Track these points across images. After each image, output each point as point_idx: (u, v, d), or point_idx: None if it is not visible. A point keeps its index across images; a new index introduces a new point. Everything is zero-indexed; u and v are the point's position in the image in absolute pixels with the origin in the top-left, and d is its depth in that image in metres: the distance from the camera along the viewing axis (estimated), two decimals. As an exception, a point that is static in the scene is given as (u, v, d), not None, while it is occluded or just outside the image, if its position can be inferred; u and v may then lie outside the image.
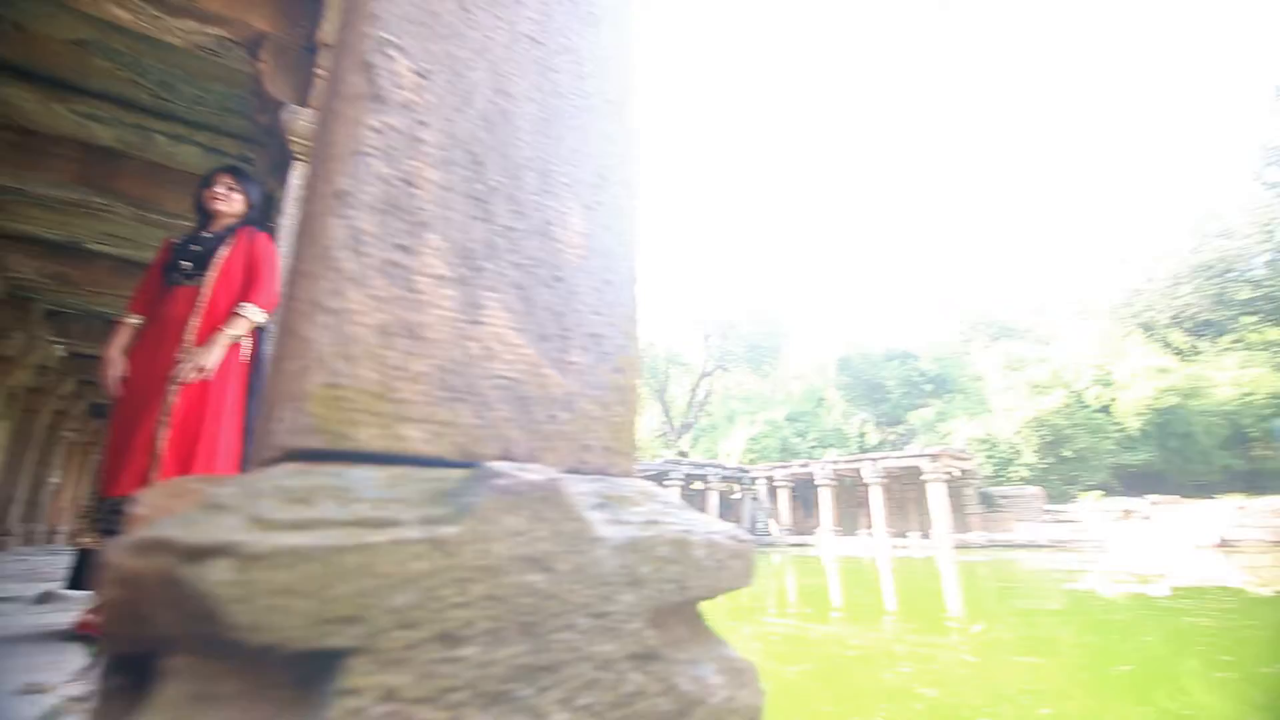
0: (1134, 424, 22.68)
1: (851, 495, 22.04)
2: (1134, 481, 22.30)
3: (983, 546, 17.47)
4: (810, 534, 21.20)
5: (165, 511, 0.53)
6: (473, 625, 0.44)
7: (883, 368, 31.23)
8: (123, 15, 2.68)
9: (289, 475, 0.46)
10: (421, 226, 0.59)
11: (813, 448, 27.74)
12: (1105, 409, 23.31)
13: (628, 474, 0.68)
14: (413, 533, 0.44)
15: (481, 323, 0.61)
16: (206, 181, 2.33)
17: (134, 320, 2.19)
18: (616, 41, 0.84)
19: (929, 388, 30.28)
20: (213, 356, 2.07)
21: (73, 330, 7.75)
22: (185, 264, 2.22)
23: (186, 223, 4.52)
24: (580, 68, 0.79)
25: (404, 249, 0.57)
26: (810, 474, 21.83)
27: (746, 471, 24.29)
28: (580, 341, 0.68)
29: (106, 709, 0.43)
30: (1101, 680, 3.72)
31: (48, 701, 1.17)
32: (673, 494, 0.68)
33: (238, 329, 2.16)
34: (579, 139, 0.75)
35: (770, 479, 23.42)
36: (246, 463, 2.17)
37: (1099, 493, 19.71)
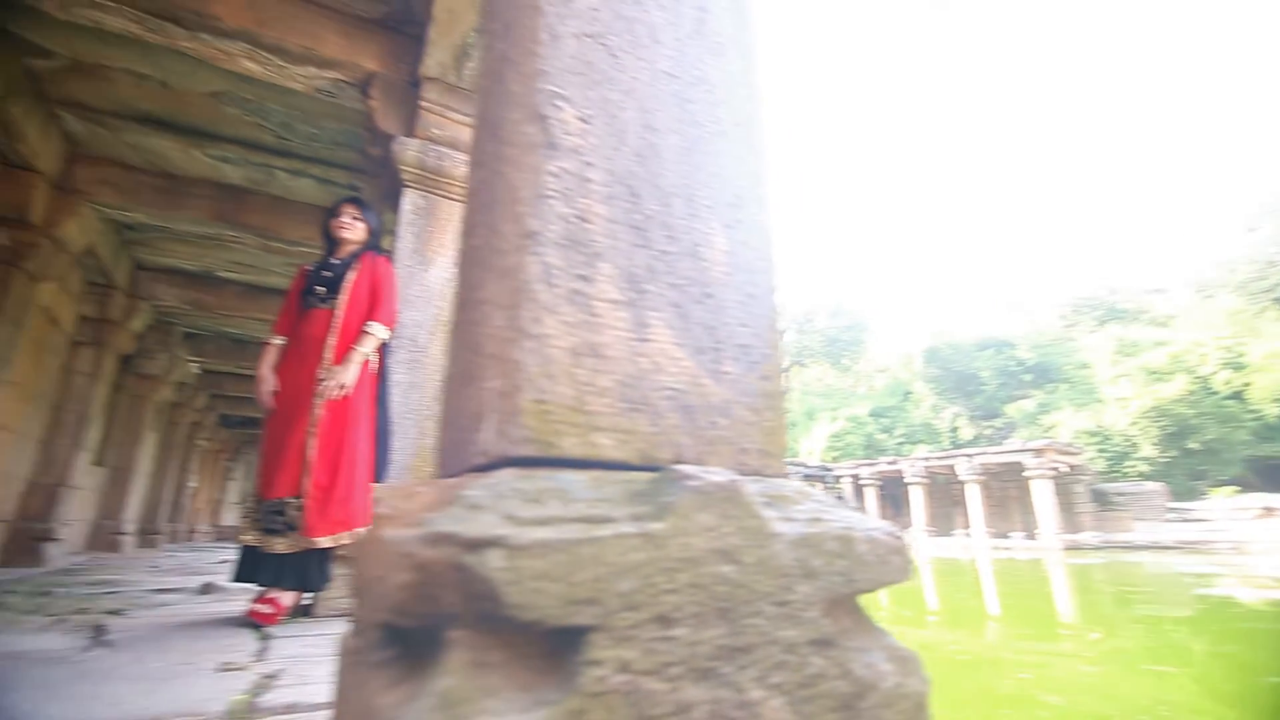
0: (1273, 411, 20.29)
1: (945, 494, 20.98)
2: (1274, 476, 19.95)
3: (1097, 548, 16.17)
4: (900, 534, 20.33)
5: (402, 511, 0.63)
6: (681, 609, 0.50)
7: (975, 358, 29.52)
8: (253, 67, 3.00)
9: (516, 480, 0.54)
10: (596, 257, 0.66)
11: (900, 444, 26.62)
12: (1237, 395, 20.99)
13: (780, 475, 0.73)
14: (628, 528, 0.50)
15: (649, 340, 0.67)
16: (333, 212, 2.57)
17: (279, 341, 2.45)
18: (742, 67, 0.89)
19: (1028, 378, 28.35)
20: (350, 373, 2.29)
21: (206, 350, 8.63)
22: (320, 289, 2.46)
23: (304, 249, 4.96)
24: (712, 95, 0.84)
25: (584, 278, 0.65)
26: (899, 471, 20.97)
27: (830, 470, 23.64)
28: (731, 353, 0.73)
29: (380, 672, 0.52)
30: (1247, 693, 3.40)
31: (246, 677, 1.35)
32: (824, 494, 0.72)
33: (368, 346, 2.37)
34: (716, 163, 0.81)
35: (856, 477, 22.68)
36: (382, 465, 2.38)
37: (1232, 488, 17.77)
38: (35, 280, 4.20)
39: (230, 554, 8.15)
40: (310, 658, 1.55)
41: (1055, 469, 17.61)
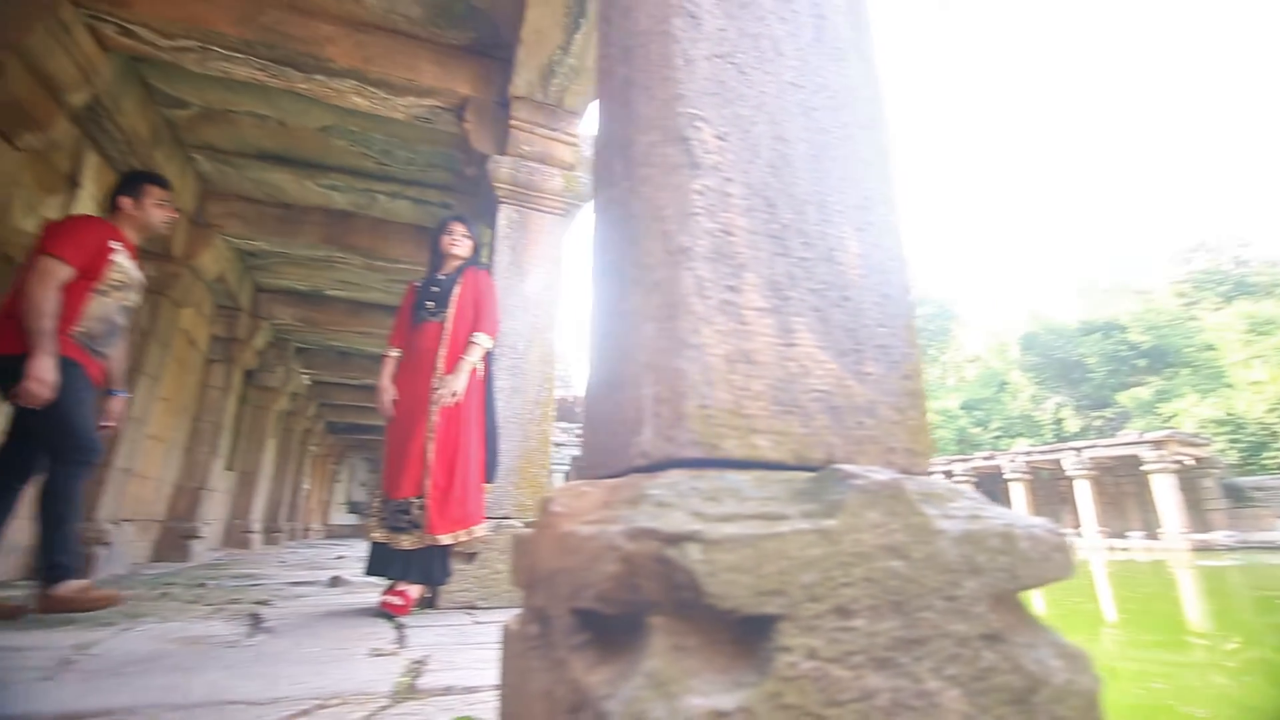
0: None
1: (1050, 490, 19.58)
2: None
3: (1231, 548, 14.59)
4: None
5: (575, 508, 0.69)
6: (858, 602, 0.53)
7: (1079, 343, 27.34)
8: (360, 102, 3.25)
9: (690, 480, 0.58)
10: (741, 268, 0.70)
11: (996, 438, 25.08)
12: (1405, 375, 18.37)
13: (927, 473, 0.73)
14: (804, 524, 0.54)
15: (795, 344, 0.70)
16: (443, 230, 2.74)
17: (395, 353, 2.65)
18: (862, 71, 0.90)
19: (1142, 363, 25.96)
20: (461, 381, 2.44)
21: (315, 362, 9.35)
22: (429, 304, 2.63)
23: (402, 266, 5.30)
24: (835, 101, 0.86)
25: (732, 289, 0.69)
26: (996, 467, 19.76)
27: (919, 466, 22.57)
28: (872, 354, 0.75)
29: (579, 655, 0.58)
30: None
31: (397, 662, 1.48)
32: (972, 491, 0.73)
33: (475, 356, 2.52)
34: (844, 168, 0.83)
35: (948, 474, 21.55)
36: (492, 466, 2.52)
37: (1404, 482, 15.57)
38: (178, 306, 4.72)
39: (342, 550, 8.80)
40: (446, 645, 1.67)
41: (1179, 462, 16.04)
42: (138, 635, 1.90)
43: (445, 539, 2.32)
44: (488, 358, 2.63)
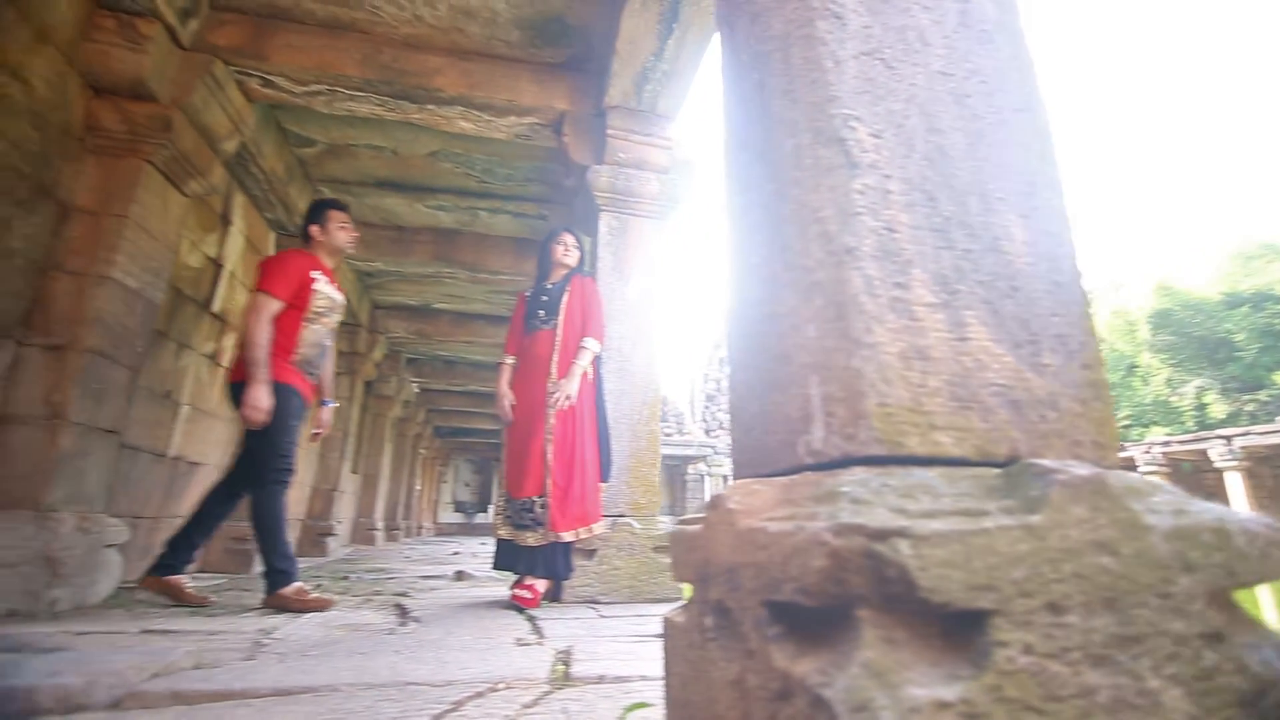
0: None
1: (1195, 484, 17.53)
2: None
3: None
4: None
5: (751, 506, 0.72)
6: (1070, 598, 0.52)
7: (1224, 318, 24.29)
8: (467, 125, 3.45)
9: (878, 477, 0.60)
10: (907, 264, 0.70)
11: (1126, 427, 22.78)
12: None
13: (1115, 467, 0.70)
14: (1007, 520, 0.53)
15: (968, 339, 0.69)
16: (552, 239, 2.87)
17: (510, 361, 2.80)
18: (1012, 52, 0.87)
19: (1304, 338, 22.68)
20: (574, 385, 2.55)
21: (423, 371, 9.99)
22: (540, 312, 2.76)
23: (503, 277, 5.55)
24: (987, 85, 0.84)
25: (900, 285, 0.69)
26: (1130, 460, 17.94)
27: (1035, 459, 20.92)
28: (1048, 344, 0.72)
29: (777, 646, 0.60)
30: None
31: (543, 651, 1.57)
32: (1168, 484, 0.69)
33: (585, 360, 2.62)
34: (1002, 154, 0.80)
35: (1069, 467, 19.80)
36: (606, 466, 2.61)
37: None
38: (311, 325, 5.20)
39: (455, 546, 9.35)
40: (583, 638, 1.75)
41: (1361, 450, 13.88)
42: (306, 623, 2.12)
43: (567, 536, 2.43)
44: (596, 361, 2.73)
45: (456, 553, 7.40)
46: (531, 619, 2.18)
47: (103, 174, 2.67)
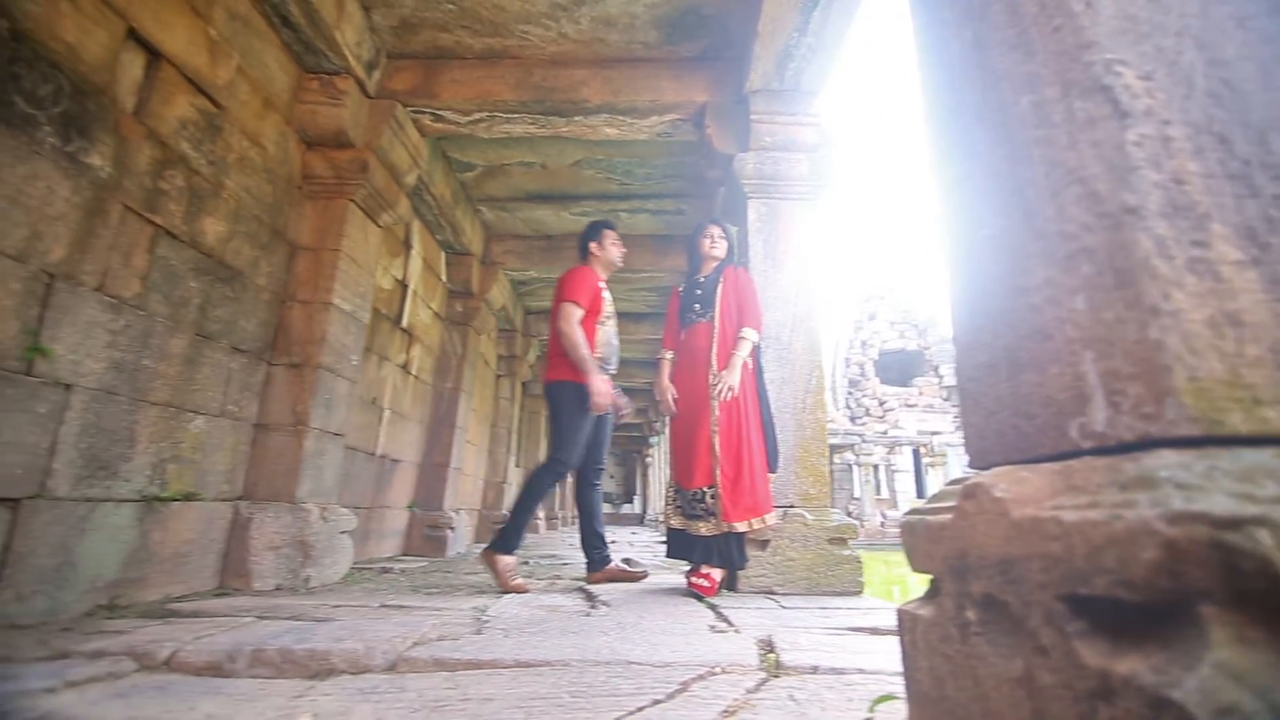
0: None
1: None
2: None
3: None
4: None
5: (1022, 494, 0.67)
6: None
7: None
8: (611, 132, 3.58)
9: (1198, 460, 0.53)
10: (1204, 219, 0.62)
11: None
12: None
13: None
14: (1397, 507, 0.45)
15: (1290, 298, 0.60)
16: (699, 233, 2.90)
17: (669, 355, 2.86)
18: (1314, -50, 0.73)
19: None
20: (735, 376, 2.55)
21: (570, 371, 10.50)
22: (696, 306, 2.79)
23: (644, 274, 5.68)
24: (1272, 1, 0.71)
25: (1198, 244, 0.61)
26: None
27: None
28: (1403, 297, 0.60)
29: (1087, 641, 0.56)
30: None
31: (741, 639, 1.60)
32: None
33: (744, 350, 2.61)
34: (1311, 77, 0.68)
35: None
36: (773, 455, 2.59)
37: None
38: (478, 334, 5.69)
39: (610, 536, 9.76)
40: (776, 627, 1.75)
41: None
42: (509, 603, 2.33)
43: (740, 526, 2.44)
44: (756, 351, 2.71)
45: (614, 541, 7.73)
46: (713, 607, 2.22)
47: (318, 215, 3.13)
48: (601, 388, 2.71)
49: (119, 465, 2.09)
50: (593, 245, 3.07)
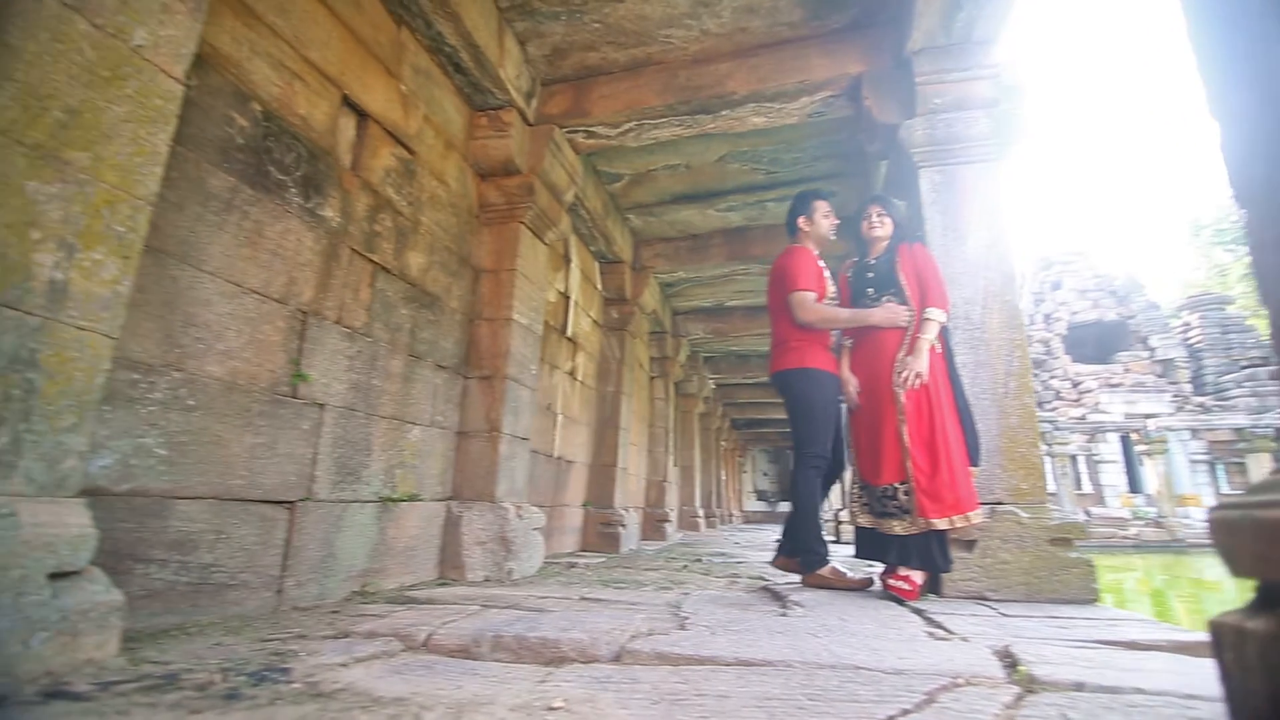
0: None
1: None
2: None
3: None
4: None
5: None
6: None
7: None
8: (759, 121, 3.50)
9: None
10: None
11: None
12: None
13: None
14: None
15: None
16: (859, 216, 2.73)
17: (847, 343, 2.72)
18: None
19: None
20: (922, 361, 2.36)
21: (720, 368, 10.50)
22: (870, 290, 2.63)
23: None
24: None
25: None
26: None
27: None
28: None
29: None
30: None
31: (972, 649, 1.46)
32: None
33: (930, 333, 2.41)
34: None
35: None
36: (974, 447, 2.36)
37: None
38: (633, 338, 5.87)
39: (770, 534, 9.58)
40: (1005, 637, 1.58)
41: None
42: (699, 599, 2.34)
43: (940, 524, 2.25)
44: (944, 333, 2.48)
45: (778, 540, 7.55)
46: (919, 611, 2.06)
47: (494, 240, 3.41)
48: (847, 374, 2.61)
49: (361, 471, 2.44)
50: (801, 220, 2.80)
